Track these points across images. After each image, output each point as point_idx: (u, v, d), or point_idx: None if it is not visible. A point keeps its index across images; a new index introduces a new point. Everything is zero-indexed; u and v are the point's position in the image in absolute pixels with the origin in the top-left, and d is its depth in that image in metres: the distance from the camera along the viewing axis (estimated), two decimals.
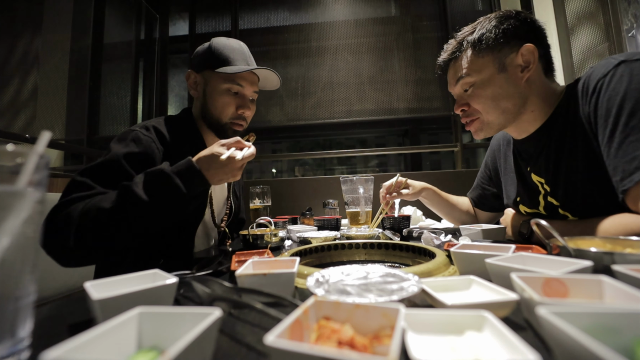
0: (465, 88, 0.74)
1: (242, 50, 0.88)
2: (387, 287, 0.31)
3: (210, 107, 0.85)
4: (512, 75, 0.68)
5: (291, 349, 0.17)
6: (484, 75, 0.70)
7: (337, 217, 1.05)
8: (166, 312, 0.24)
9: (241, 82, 0.84)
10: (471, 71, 0.72)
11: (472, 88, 0.73)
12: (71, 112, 1.81)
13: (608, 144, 0.58)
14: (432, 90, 2.17)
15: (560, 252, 0.42)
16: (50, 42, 1.74)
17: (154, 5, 2.44)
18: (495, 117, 0.72)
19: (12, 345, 0.23)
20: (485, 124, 0.74)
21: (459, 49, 0.74)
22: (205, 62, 0.85)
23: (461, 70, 0.73)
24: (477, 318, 0.23)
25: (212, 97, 0.84)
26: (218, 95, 0.84)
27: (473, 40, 0.71)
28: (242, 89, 0.85)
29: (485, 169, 1.00)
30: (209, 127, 0.88)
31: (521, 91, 0.69)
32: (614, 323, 0.20)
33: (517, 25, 0.68)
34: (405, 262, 0.62)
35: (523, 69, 0.68)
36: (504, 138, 0.91)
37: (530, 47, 0.67)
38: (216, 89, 0.84)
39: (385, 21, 2.29)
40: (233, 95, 0.85)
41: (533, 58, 0.67)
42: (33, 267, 0.25)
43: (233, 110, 0.85)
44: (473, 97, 0.73)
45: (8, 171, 0.23)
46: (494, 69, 0.69)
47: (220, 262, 0.60)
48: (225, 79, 0.83)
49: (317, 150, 2.64)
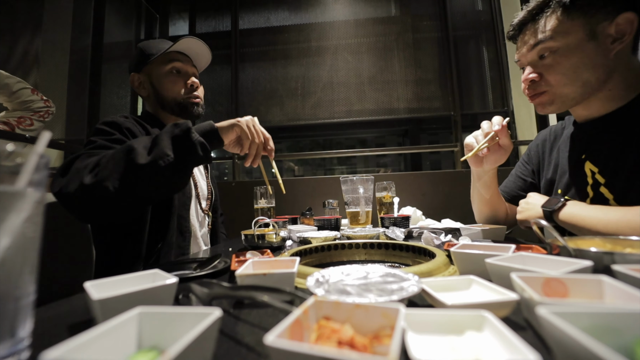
0: (543, 53, 0.67)
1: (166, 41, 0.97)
2: (387, 287, 0.31)
3: (163, 93, 0.92)
4: (601, 44, 0.62)
5: (291, 349, 0.17)
6: (571, 41, 0.63)
7: (337, 217, 1.05)
8: (166, 312, 0.24)
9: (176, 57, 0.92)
10: (556, 34, 0.64)
11: (553, 55, 0.66)
12: (71, 112, 1.81)
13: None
14: (432, 90, 2.17)
15: (560, 252, 0.42)
16: (50, 42, 1.74)
17: (154, 5, 2.44)
18: (572, 90, 0.66)
19: (12, 345, 0.23)
20: (558, 96, 0.68)
21: (544, 9, 0.66)
22: (140, 61, 0.93)
23: (543, 32, 0.66)
24: (477, 318, 0.23)
25: (160, 83, 0.92)
26: (164, 79, 0.91)
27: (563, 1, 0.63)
28: (181, 65, 0.92)
29: (527, 163, 0.94)
30: (170, 112, 0.94)
31: (608, 64, 0.63)
32: (614, 323, 0.20)
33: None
34: (405, 262, 0.62)
35: (614, 40, 0.61)
36: (552, 132, 0.87)
37: (631, 16, 0.59)
38: (161, 74, 0.91)
39: (385, 21, 2.29)
40: (176, 74, 0.92)
41: (630, 29, 0.60)
42: (33, 267, 0.25)
43: (183, 86, 0.92)
44: (551, 66, 0.66)
45: (8, 171, 0.23)
46: (583, 34, 0.62)
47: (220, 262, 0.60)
48: (164, 61, 0.91)
49: (317, 150, 2.64)
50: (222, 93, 2.30)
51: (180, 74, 0.92)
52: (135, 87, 0.95)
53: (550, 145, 0.86)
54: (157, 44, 0.93)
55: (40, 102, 1.41)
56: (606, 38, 0.62)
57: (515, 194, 0.95)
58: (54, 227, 0.94)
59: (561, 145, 0.82)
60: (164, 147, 0.61)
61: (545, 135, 0.90)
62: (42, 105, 1.41)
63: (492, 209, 0.93)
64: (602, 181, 0.67)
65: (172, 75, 0.91)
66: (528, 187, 0.93)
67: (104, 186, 0.58)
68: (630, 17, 0.60)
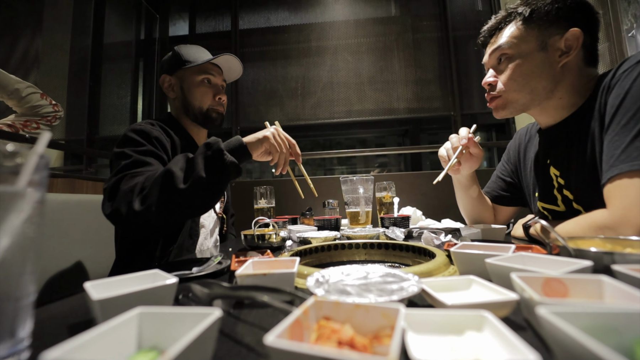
0: (500, 58, 0.73)
1: (203, 49, 1.02)
2: (387, 287, 0.31)
3: (191, 100, 0.96)
4: (550, 56, 0.67)
5: (291, 349, 0.17)
6: (524, 49, 0.69)
7: (337, 217, 1.05)
8: (166, 312, 0.24)
9: (211, 71, 0.97)
10: (512, 42, 0.70)
11: (508, 61, 0.71)
12: (71, 112, 1.81)
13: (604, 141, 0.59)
14: (432, 90, 2.17)
15: (560, 252, 0.42)
16: (50, 42, 1.74)
17: (154, 5, 2.44)
18: (522, 96, 0.71)
19: (12, 346, 0.23)
20: (509, 101, 0.73)
21: (507, 19, 0.73)
22: (176, 64, 0.96)
23: (503, 39, 0.72)
24: (477, 318, 0.23)
25: (190, 91, 0.95)
26: (195, 87, 0.95)
27: (524, 12, 0.69)
28: (213, 78, 0.97)
29: (507, 162, 0.98)
30: (193, 119, 0.98)
31: (554, 75, 0.68)
32: (614, 323, 0.20)
33: (573, 7, 0.66)
34: (405, 262, 0.62)
35: (562, 53, 0.67)
36: (525, 133, 0.90)
37: (576, 32, 0.65)
38: (193, 82, 0.95)
39: (385, 21, 2.29)
40: (208, 84, 0.96)
41: (576, 44, 0.65)
42: (33, 267, 0.25)
43: (211, 97, 0.97)
44: (504, 71, 0.72)
45: (8, 171, 0.23)
46: (535, 45, 0.68)
47: (220, 262, 0.60)
48: (199, 71, 0.95)
49: (317, 150, 2.64)
50: None
51: (210, 84, 0.97)
52: (165, 88, 0.98)
53: (525, 146, 0.89)
54: (194, 52, 0.97)
55: (49, 107, 1.42)
56: (555, 51, 0.67)
57: (497, 194, 0.98)
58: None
59: (533, 149, 0.85)
60: (199, 170, 0.66)
61: (522, 136, 0.92)
62: (50, 110, 1.42)
63: (477, 210, 0.96)
64: (563, 183, 0.72)
65: (204, 85, 0.95)
66: (508, 187, 0.96)
67: (151, 211, 0.65)
68: (577, 34, 0.65)
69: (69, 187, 1.39)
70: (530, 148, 0.87)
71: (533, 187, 0.84)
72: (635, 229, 0.51)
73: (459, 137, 0.85)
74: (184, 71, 0.95)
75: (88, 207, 1.03)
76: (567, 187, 0.72)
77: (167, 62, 0.98)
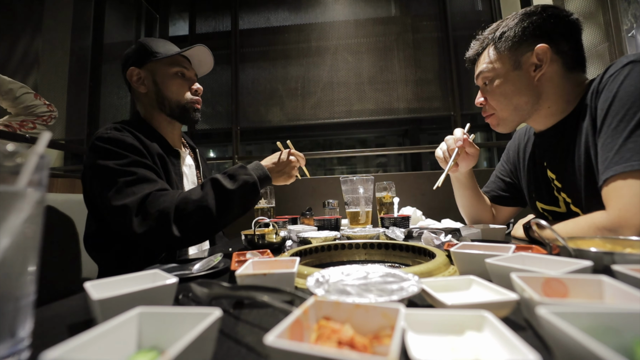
0: (484, 82, 0.77)
1: (171, 43, 0.96)
2: (387, 287, 0.31)
3: (167, 93, 0.90)
4: (525, 72, 0.70)
5: (291, 349, 0.17)
6: (499, 71, 0.73)
7: (337, 217, 1.05)
8: (166, 312, 0.24)
9: (182, 61, 0.92)
10: (489, 66, 0.74)
11: (490, 83, 0.75)
12: (71, 112, 1.81)
13: (598, 145, 0.60)
14: (432, 90, 2.17)
15: (560, 252, 0.42)
16: (50, 42, 1.74)
17: (154, 5, 2.44)
18: (508, 114, 0.75)
19: (12, 345, 0.23)
20: (501, 119, 0.77)
21: (482, 45, 0.77)
22: (144, 56, 0.90)
23: (482, 65, 0.77)
24: (477, 318, 0.23)
25: (165, 84, 0.90)
26: (170, 80, 0.90)
27: (494, 37, 0.73)
28: (187, 72, 0.93)
29: (506, 162, 0.98)
30: (169, 113, 0.92)
31: (533, 89, 0.70)
32: (614, 323, 0.20)
33: (540, 23, 0.68)
34: (405, 262, 0.62)
35: (536, 67, 0.69)
36: (525, 133, 0.91)
37: (544, 47, 0.67)
38: (166, 74, 0.90)
39: (385, 21, 2.29)
40: (182, 77, 0.92)
41: (546, 58, 0.68)
42: (33, 267, 0.25)
43: (188, 90, 0.93)
44: (489, 93, 0.76)
45: (8, 171, 0.23)
46: (509, 65, 0.72)
47: (220, 262, 0.60)
48: (171, 63, 0.90)
49: (317, 150, 2.64)
50: (222, 93, 2.30)
51: (184, 77, 0.93)
52: (134, 82, 0.90)
53: (524, 146, 0.90)
54: (162, 44, 0.92)
55: (44, 107, 1.42)
56: (529, 67, 0.70)
57: (496, 194, 0.98)
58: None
59: (532, 150, 0.86)
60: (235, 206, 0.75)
61: (521, 136, 0.93)
62: (45, 110, 1.42)
63: (476, 209, 0.96)
64: (560, 186, 0.74)
65: (178, 78, 0.91)
66: (508, 187, 0.96)
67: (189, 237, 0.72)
68: (544, 48, 0.67)
69: (69, 187, 1.39)
70: (529, 149, 0.87)
71: (533, 188, 0.84)
72: (633, 229, 0.52)
73: (454, 138, 0.87)
74: (154, 63, 0.89)
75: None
76: (564, 190, 0.73)
77: (133, 54, 0.91)
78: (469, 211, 0.98)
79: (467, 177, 0.94)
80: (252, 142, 3.99)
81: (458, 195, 0.99)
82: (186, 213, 0.71)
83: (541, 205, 0.81)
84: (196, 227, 0.72)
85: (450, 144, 0.87)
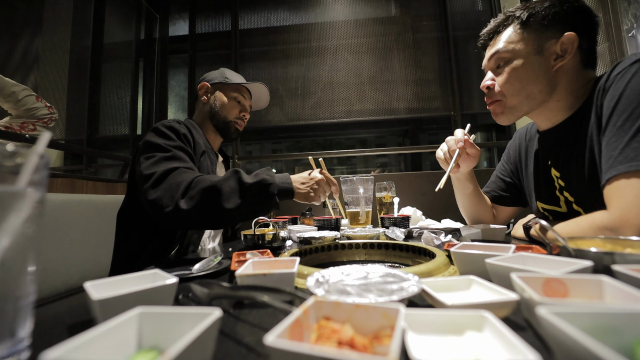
0: (498, 63, 0.73)
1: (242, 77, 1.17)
2: (387, 287, 0.31)
3: (220, 109, 1.09)
4: (546, 60, 0.68)
5: (291, 349, 0.17)
6: (519, 53, 0.69)
7: (337, 217, 1.05)
8: (166, 312, 0.24)
9: (244, 94, 1.13)
10: (509, 46, 0.70)
11: (505, 65, 0.72)
12: (71, 112, 1.81)
13: (602, 143, 0.59)
14: (432, 90, 2.16)
15: (560, 252, 0.42)
16: (50, 42, 1.74)
17: (154, 5, 2.44)
18: (518, 101, 0.71)
19: (12, 345, 0.23)
20: (507, 107, 0.73)
21: (505, 23, 0.73)
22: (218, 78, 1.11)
23: (501, 43, 0.72)
24: (477, 318, 0.23)
25: (222, 102, 1.09)
26: (227, 101, 1.10)
27: (521, 16, 0.69)
28: (243, 100, 1.12)
29: (506, 162, 0.98)
30: (215, 125, 1.10)
31: (550, 78, 0.68)
32: (614, 323, 0.20)
33: (569, 12, 0.66)
34: (405, 262, 0.62)
35: (557, 57, 0.67)
36: (526, 132, 0.90)
37: (572, 36, 0.65)
38: (226, 95, 1.10)
39: (385, 21, 2.29)
40: (237, 102, 1.11)
41: (571, 48, 0.66)
42: (33, 267, 0.25)
43: (237, 112, 1.11)
44: (502, 75, 0.72)
45: (8, 171, 0.23)
46: (531, 48, 0.68)
47: (220, 262, 0.60)
48: (234, 89, 1.11)
49: (317, 150, 2.64)
50: None
51: (239, 104, 1.11)
52: (201, 92, 1.10)
53: (525, 145, 0.89)
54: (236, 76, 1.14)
55: (45, 109, 1.44)
56: (551, 55, 0.67)
57: (497, 194, 0.98)
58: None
59: (534, 149, 0.85)
60: (247, 204, 0.74)
61: (522, 136, 0.92)
62: (46, 112, 1.45)
63: (476, 209, 0.96)
64: (563, 185, 0.73)
65: (234, 101, 1.10)
66: (508, 187, 0.96)
67: (193, 215, 0.73)
68: (572, 38, 0.65)
69: (69, 187, 1.39)
70: (531, 148, 0.87)
71: (534, 188, 0.84)
72: (634, 229, 0.51)
73: (455, 139, 0.86)
74: (222, 85, 1.10)
75: (88, 207, 1.03)
76: (567, 189, 0.72)
77: (211, 73, 1.14)
78: (469, 211, 0.98)
79: (467, 178, 0.93)
80: (252, 142, 3.99)
81: (459, 195, 0.98)
82: (197, 190, 0.73)
83: (542, 205, 0.81)
84: (201, 207, 0.72)
85: (451, 145, 0.86)
